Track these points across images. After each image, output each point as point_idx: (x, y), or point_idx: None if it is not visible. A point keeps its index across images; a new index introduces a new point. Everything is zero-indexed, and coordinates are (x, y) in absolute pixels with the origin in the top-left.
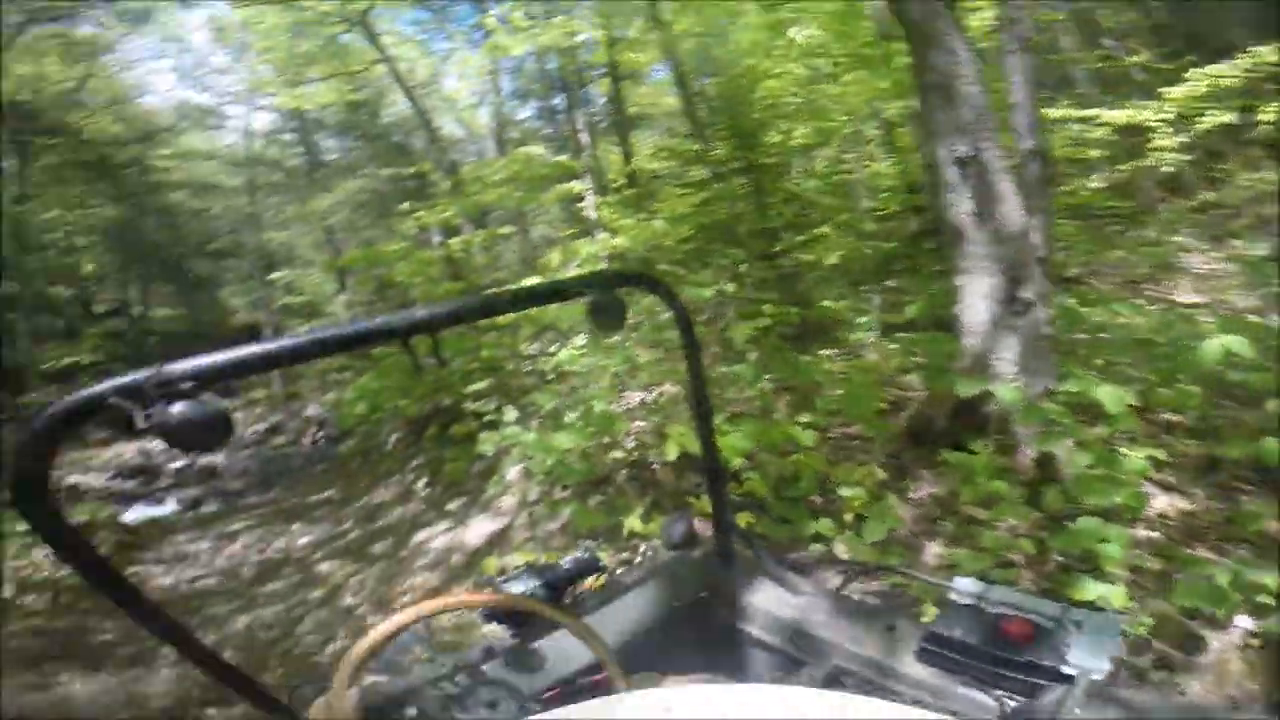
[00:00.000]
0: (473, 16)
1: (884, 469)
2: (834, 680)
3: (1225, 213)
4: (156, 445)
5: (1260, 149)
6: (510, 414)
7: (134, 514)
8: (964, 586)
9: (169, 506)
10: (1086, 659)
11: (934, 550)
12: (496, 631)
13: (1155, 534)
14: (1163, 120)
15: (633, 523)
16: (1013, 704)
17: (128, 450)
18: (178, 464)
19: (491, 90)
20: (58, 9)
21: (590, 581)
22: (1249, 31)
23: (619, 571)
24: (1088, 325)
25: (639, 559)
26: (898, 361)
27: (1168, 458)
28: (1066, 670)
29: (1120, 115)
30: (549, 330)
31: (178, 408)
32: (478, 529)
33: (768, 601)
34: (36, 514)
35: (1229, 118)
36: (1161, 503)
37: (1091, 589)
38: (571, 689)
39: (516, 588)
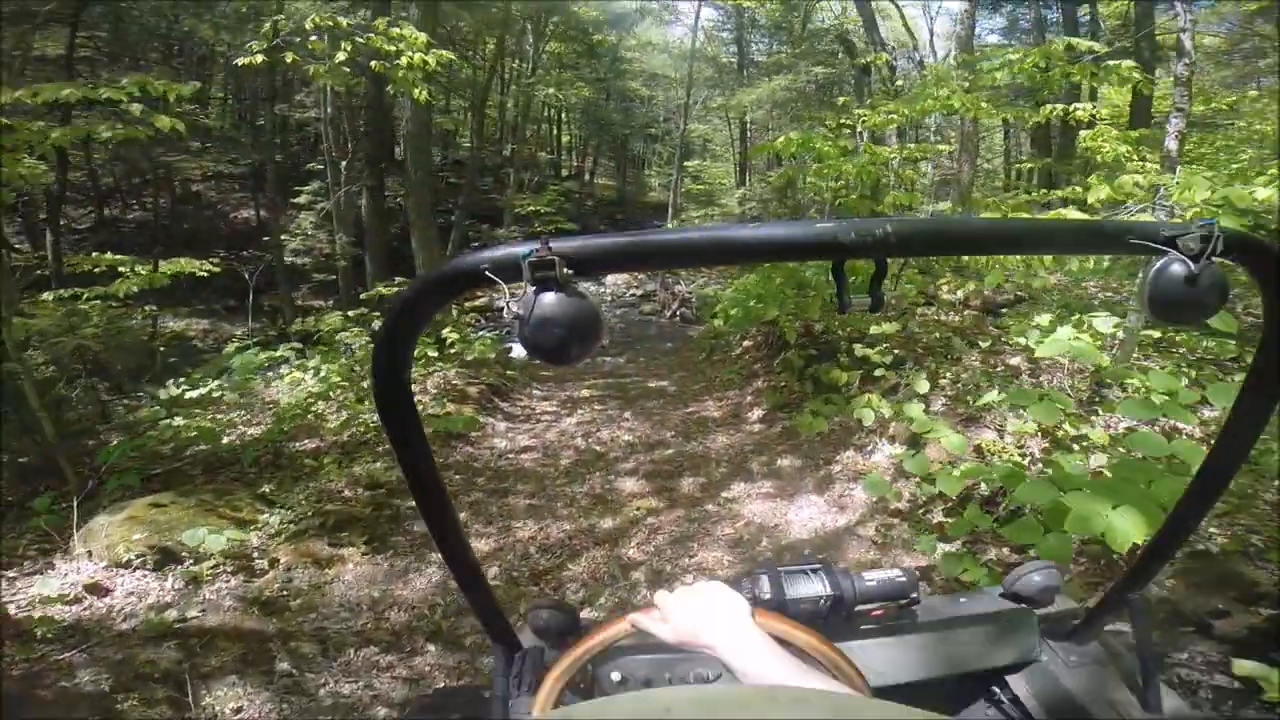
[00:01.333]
0: None
1: None
2: None
3: None
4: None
5: None
6: (922, 384)
7: (518, 350)
8: None
9: None
10: None
11: None
12: None
13: None
14: None
15: None
16: None
17: None
18: None
19: None
20: None
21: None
22: None
23: (920, 601)
24: None
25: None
26: None
27: None
28: None
29: None
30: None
31: (547, 299)
32: (804, 515)
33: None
34: (389, 375)
35: None
36: None
37: None
38: None
39: (801, 587)
